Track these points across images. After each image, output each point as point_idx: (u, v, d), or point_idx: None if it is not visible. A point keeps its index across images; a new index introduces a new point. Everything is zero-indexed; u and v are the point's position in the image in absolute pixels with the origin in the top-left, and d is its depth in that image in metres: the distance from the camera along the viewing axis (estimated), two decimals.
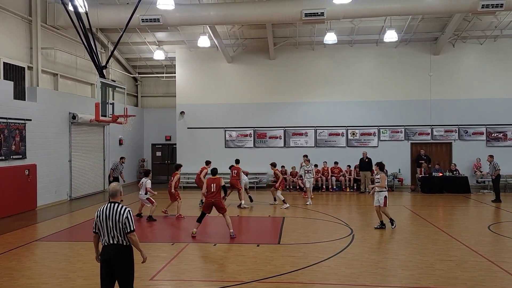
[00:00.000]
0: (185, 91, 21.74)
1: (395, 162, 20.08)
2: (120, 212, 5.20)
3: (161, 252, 9.03)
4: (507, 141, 20.08)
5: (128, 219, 5.19)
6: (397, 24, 18.58)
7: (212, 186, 10.33)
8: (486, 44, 20.08)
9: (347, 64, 20.93)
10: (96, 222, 5.29)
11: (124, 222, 5.17)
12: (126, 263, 5.25)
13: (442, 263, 8.18)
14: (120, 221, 5.17)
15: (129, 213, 5.24)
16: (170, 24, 16.68)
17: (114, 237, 5.19)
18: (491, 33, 19.48)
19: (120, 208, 5.22)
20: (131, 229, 5.19)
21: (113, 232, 5.18)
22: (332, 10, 15.45)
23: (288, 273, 7.59)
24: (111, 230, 5.18)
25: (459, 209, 14.89)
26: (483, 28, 19.27)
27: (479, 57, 20.39)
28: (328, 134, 21.07)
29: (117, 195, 5.38)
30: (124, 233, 5.19)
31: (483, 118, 20.11)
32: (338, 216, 13.04)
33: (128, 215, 5.20)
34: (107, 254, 5.22)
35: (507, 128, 20.08)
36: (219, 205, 10.31)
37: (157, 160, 24.89)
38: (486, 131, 20.21)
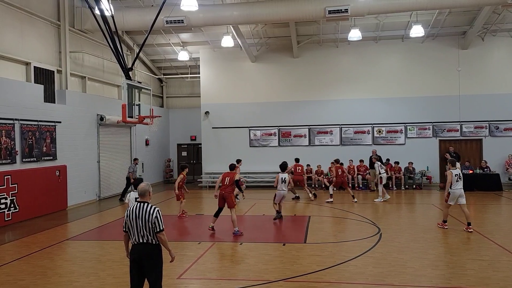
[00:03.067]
0: (210, 91, 21.90)
1: (423, 159, 19.71)
2: (149, 211, 5.26)
3: (188, 251, 9.12)
4: None
5: (157, 218, 5.24)
6: (423, 18, 18.19)
7: (226, 180, 10.69)
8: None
9: (372, 60, 20.64)
10: (126, 221, 5.38)
11: (153, 221, 5.22)
12: (155, 261, 5.31)
13: (474, 262, 7.96)
14: (149, 221, 5.22)
15: (158, 212, 5.28)
16: (194, 25, 16.83)
17: (143, 236, 5.26)
18: None
19: (149, 208, 5.28)
20: (160, 228, 5.25)
21: (142, 231, 5.25)
22: (356, 7, 15.26)
23: (315, 272, 7.54)
24: (140, 229, 5.25)
25: (490, 207, 14.46)
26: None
27: (510, 50, 19.74)
28: (354, 132, 20.83)
29: (146, 195, 5.43)
30: (153, 232, 5.25)
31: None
32: (364, 215, 12.88)
33: (158, 215, 5.25)
34: (137, 252, 5.30)
35: None
36: (228, 198, 10.54)
37: (182, 160, 25.14)
38: None
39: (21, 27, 13.79)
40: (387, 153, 19.79)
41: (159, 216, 5.27)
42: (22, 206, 12.82)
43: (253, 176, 21.00)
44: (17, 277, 7.55)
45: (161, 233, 5.26)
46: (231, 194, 10.58)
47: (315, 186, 19.70)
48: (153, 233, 5.26)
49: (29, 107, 13.39)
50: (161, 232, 5.26)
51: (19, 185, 12.70)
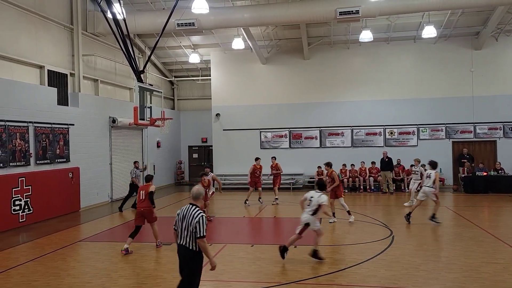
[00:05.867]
0: (220, 93, 21.96)
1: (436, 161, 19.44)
2: (193, 215, 5.24)
3: None
4: None
5: (199, 223, 5.18)
6: (435, 19, 18.02)
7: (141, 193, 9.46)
8: None
9: (384, 62, 20.50)
10: (176, 220, 5.43)
11: (195, 225, 5.19)
12: (190, 267, 5.30)
13: (488, 266, 7.84)
14: (191, 224, 5.21)
15: (202, 218, 5.21)
16: (205, 27, 16.90)
17: (184, 238, 5.28)
18: None
19: (195, 211, 5.27)
20: (201, 234, 5.17)
21: (184, 233, 5.28)
22: (367, 8, 15.17)
23: (326, 274, 7.50)
24: (183, 230, 5.30)
25: (505, 210, 14.24)
26: None
27: None
28: (365, 134, 20.69)
29: (199, 198, 5.43)
30: (193, 237, 5.22)
31: None
32: (376, 217, 12.78)
33: (200, 220, 5.19)
34: (179, 252, 5.39)
35: None
36: (146, 215, 9.43)
37: (193, 162, 25.25)
38: None
39: (36, 31, 13.99)
40: (399, 155, 19.62)
41: (202, 221, 5.19)
42: (36, 207, 12.98)
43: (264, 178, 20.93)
44: (31, 278, 7.64)
45: (201, 239, 5.19)
46: (150, 209, 9.38)
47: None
48: (193, 237, 5.22)
49: (43, 110, 13.57)
50: (201, 238, 5.19)
51: (33, 187, 12.86)
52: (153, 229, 9.54)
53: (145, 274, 7.78)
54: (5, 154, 11.99)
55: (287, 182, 20.63)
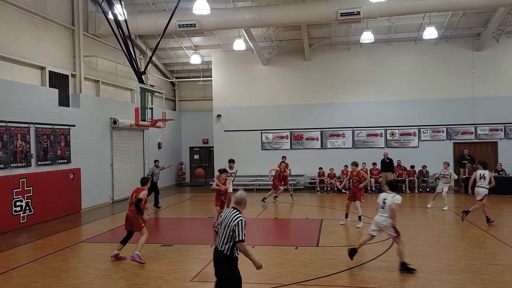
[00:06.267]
0: (222, 94, 21.97)
1: (436, 162, 19.32)
2: (233, 218, 5.20)
3: (200, 254, 9.13)
4: None
5: (237, 226, 5.12)
6: (436, 20, 18.01)
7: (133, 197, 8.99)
8: None
9: (385, 63, 20.50)
10: (219, 222, 5.43)
11: (233, 228, 5.14)
12: (225, 272, 5.27)
13: (489, 267, 7.83)
14: (229, 227, 5.17)
15: (241, 222, 5.15)
16: (206, 28, 16.91)
17: (221, 242, 5.25)
18: None
19: (235, 215, 5.23)
20: (240, 238, 5.12)
21: (222, 237, 5.25)
22: (368, 9, 15.17)
23: (328, 276, 7.49)
24: (221, 234, 5.26)
25: (506, 211, 14.22)
26: None
27: None
28: (366, 135, 20.69)
29: (241, 203, 5.39)
30: (230, 241, 5.17)
31: None
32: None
33: (239, 224, 5.13)
34: (214, 255, 5.38)
35: None
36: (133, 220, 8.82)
37: (195, 163, 25.25)
38: None
39: (37, 32, 14.01)
40: (400, 156, 19.64)
41: (240, 225, 5.14)
42: (37, 208, 12.98)
43: (265, 179, 20.95)
44: (32, 279, 7.64)
45: (240, 243, 5.15)
46: (137, 215, 8.66)
47: (327, 189, 19.59)
48: (230, 242, 5.17)
49: (44, 111, 13.59)
50: (240, 242, 5.14)
51: (34, 188, 12.87)
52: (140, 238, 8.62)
53: (147, 275, 7.78)
54: (6, 155, 12.00)
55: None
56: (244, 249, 5.20)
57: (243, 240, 5.14)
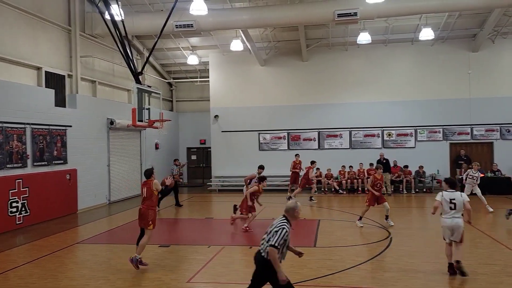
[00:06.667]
0: (219, 95, 21.96)
1: (433, 163, 19.52)
2: (276, 224, 5.24)
3: (198, 255, 9.12)
4: None
5: (276, 232, 5.12)
6: (433, 21, 18.06)
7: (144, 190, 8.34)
8: None
9: (382, 64, 20.54)
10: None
11: (273, 233, 5.16)
12: (261, 274, 5.28)
13: (486, 267, 7.85)
14: (271, 231, 5.20)
15: (281, 229, 5.12)
16: (203, 29, 16.90)
17: (262, 244, 5.29)
18: None
19: (279, 221, 5.25)
20: (273, 243, 5.09)
21: (264, 239, 5.29)
22: (365, 10, 15.20)
23: (325, 276, 7.49)
24: (266, 239, 5.27)
25: (502, 211, 14.17)
26: None
27: None
28: (363, 136, 20.73)
29: (289, 212, 5.34)
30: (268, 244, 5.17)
31: None
32: (375, 219, 12.77)
33: (279, 230, 5.12)
34: (255, 258, 5.38)
35: None
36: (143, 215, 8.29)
37: (192, 164, 25.23)
38: None
39: (33, 32, 13.96)
40: (397, 157, 19.68)
41: (280, 232, 5.12)
42: (33, 209, 12.93)
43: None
44: (28, 280, 7.61)
45: (270, 247, 5.09)
46: (148, 210, 8.16)
47: (324, 189, 19.61)
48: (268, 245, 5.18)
49: (40, 112, 13.54)
50: (271, 246, 5.08)
51: (31, 189, 12.82)
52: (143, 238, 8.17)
53: (144, 276, 7.76)
54: (2, 155, 11.95)
55: (285, 184, 20.61)
56: (273, 255, 5.08)
57: (275, 247, 5.08)
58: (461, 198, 7.39)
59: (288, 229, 5.18)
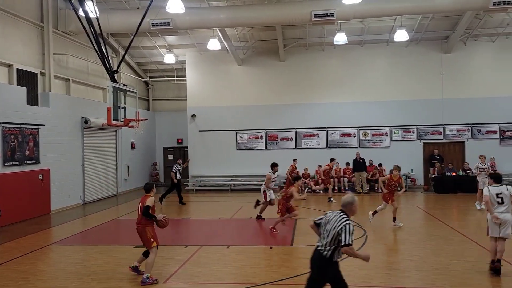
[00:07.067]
0: (196, 94, 21.84)
1: (407, 162, 19.90)
2: (339, 220, 4.99)
3: (175, 255, 9.05)
4: None
5: (343, 230, 4.90)
6: (407, 23, 18.42)
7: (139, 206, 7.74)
8: (498, 41, 19.83)
9: (358, 64, 20.83)
10: (323, 216, 5.28)
11: (338, 232, 4.92)
12: (321, 275, 5.08)
13: (458, 264, 8.07)
14: (334, 230, 4.97)
15: (347, 226, 4.92)
16: (180, 27, 16.78)
17: (323, 243, 5.07)
18: (503, 30, 19.22)
19: (341, 218, 5.01)
20: (346, 242, 4.87)
21: (325, 237, 5.06)
22: (341, 11, 15.38)
23: (302, 275, 7.54)
24: (324, 234, 5.08)
25: (473, 209, 14.66)
26: (495, 25, 19.04)
27: (491, 55, 20.14)
28: (340, 135, 20.98)
29: (347, 206, 5.14)
30: (333, 244, 4.98)
31: (496, 117, 19.84)
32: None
33: (345, 228, 4.90)
34: (313, 255, 5.18)
35: None
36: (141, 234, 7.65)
37: (169, 163, 24.99)
38: (500, 130, 19.94)
39: (4, 29, 13.57)
40: (372, 156, 20.02)
41: (347, 229, 4.89)
42: (5, 210, 12.57)
43: (239, 179, 20.99)
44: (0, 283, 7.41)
45: (345, 247, 4.89)
46: (145, 228, 7.52)
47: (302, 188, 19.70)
48: (333, 245, 4.97)
49: (11, 110, 13.17)
50: (346, 246, 4.88)
51: (1, 189, 12.45)
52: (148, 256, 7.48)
53: (119, 277, 7.66)
54: None
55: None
56: (351, 252, 4.92)
57: (350, 245, 4.88)
58: (507, 192, 7.27)
59: (353, 224, 5.03)
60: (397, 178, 11.75)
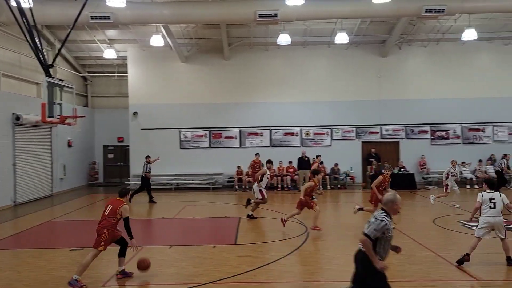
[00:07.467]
0: (138, 91, 21.26)
1: (347, 160, 20.67)
2: (374, 215, 5.09)
3: (113, 257, 8.74)
4: (449, 139, 21.20)
5: (374, 223, 4.96)
6: (347, 26, 19.09)
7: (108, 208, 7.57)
8: (429, 47, 21.08)
9: (301, 65, 21.27)
10: None
11: (370, 224, 5.01)
12: (360, 270, 5.13)
13: (392, 256, 8.38)
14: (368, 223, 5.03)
15: (381, 221, 4.94)
16: (122, 22, 16.27)
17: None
18: (434, 36, 20.47)
19: (379, 214, 5.08)
20: (366, 231, 4.95)
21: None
22: (285, 12, 15.63)
23: (245, 272, 7.61)
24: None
25: (406, 205, 15.46)
26: (427, 31, 20.23)
27: (424, 59, 21.38)
28: (283, 134, 21.33)
29: (387, 204, 5.18)
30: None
31: (428, 118, 21.08)
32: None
33: (377, 221, 4.96)
34: (356, 255, 5.18)
35: (449, 126, 21.20)
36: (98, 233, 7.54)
37: (109, 162, 24.17)
38: (430, 130, 21.23)
39: None
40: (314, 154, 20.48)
41: (378, 222, 4.94)
42: None
43: (183, 178, 20.73)
44: None
45: (363, 235, 4.94)
46: (104, 230, 7.38)
47: (245, 187, 19.86)
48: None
49: None
50: (364, 234, 4.93)
51: None
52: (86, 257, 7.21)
53: (55, 282, 7.29)
54: None
55: (206, 182, 20.59)
56: (366, 244, 4.94)
57: (368, 236, 4.92)
58: (500, 198, 7.71)
59: (388, 222, 5.00)
60: (388, 177, 11.31)
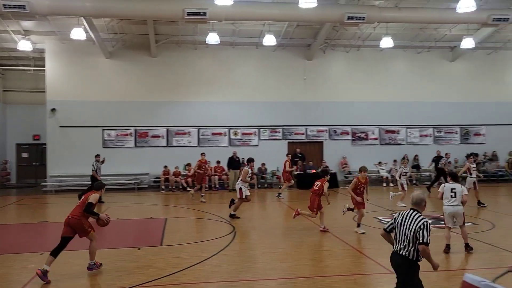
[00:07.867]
0: (57, 87, 20.02)
1: (274, 160, 21.09)
2: (415, 220, 4.99)
3: (28, 263, 8.19)
4: (368, 140, 22.51)
5: (421, 229, 4.90)
6: (275, 29, 19.49)
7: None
8: (351, 52, 22.20)
9: (229, 65, 21.37)
10: (392, 222, 5.23)
11: (416, 230, 4.92)
12: (405, 275, 5.01)
13: (316, 253, 8.85)
14: (411, 229, 4.95)
15: (425, 223, 4.93)
16: (39, 12, 15.21)
17: (402, 245, 5.03)
18: (355, 42, 21.61)
19: (417, 217, 5.01)
20: (424, 241, 4.88)
21: (403, 239, 5.03)
22: (214, 11, 15.58)
23: (171, 274, 7.48)
24: (401, 236, 5.05)
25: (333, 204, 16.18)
26: (349, 38, 21.29)
27: (345, 64, 22.49)
28: (211, 134, 21.29)
29: (420, 204, 5.13)
30: (412, 244, 4.95)
31: (349, 119, 22.21)
32: (220, 215, 13.24)
33: (424, 226, 4.91)
34: (395, 261, 5.12)
35: (368, 128, 22.51)
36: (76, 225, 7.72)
37: (23, 162, 22.51)
38: (351, 131, 22.38)
39: None
40: (242, 154, 20.67)
41: (425, 227, 4.91)
42: None
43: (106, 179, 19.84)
44: None
45: (423, 245, 4.88)
46: (80, 219, 7.59)
47: (172, 187, 19.53)
48: (412, 244, 4.95)
49: None
50: (423, 244, 4.87)
51: None
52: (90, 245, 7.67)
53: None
54: None
55: (131, 183, 19.94)
56: (427, 252, 4.93)
57: (428, 244, 4.91)
58: (460, 189, 8.48)
59: (430, 222, 5.08)
60: (364, 179, 10.71)
